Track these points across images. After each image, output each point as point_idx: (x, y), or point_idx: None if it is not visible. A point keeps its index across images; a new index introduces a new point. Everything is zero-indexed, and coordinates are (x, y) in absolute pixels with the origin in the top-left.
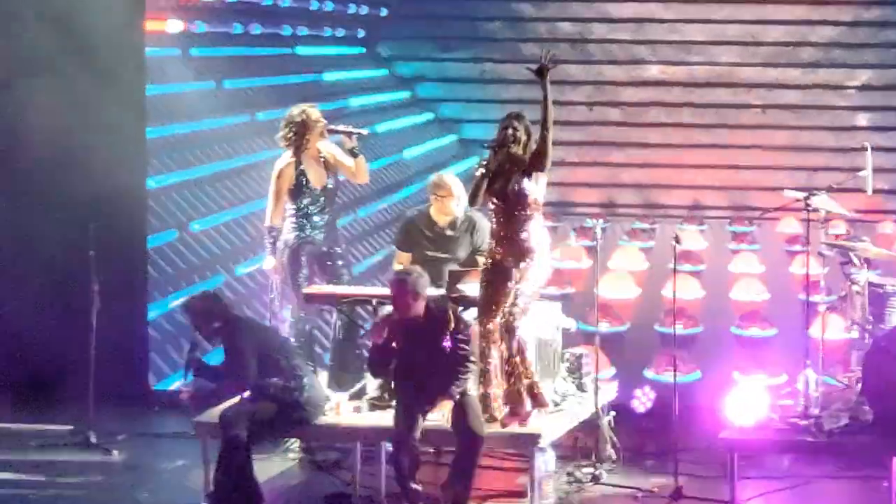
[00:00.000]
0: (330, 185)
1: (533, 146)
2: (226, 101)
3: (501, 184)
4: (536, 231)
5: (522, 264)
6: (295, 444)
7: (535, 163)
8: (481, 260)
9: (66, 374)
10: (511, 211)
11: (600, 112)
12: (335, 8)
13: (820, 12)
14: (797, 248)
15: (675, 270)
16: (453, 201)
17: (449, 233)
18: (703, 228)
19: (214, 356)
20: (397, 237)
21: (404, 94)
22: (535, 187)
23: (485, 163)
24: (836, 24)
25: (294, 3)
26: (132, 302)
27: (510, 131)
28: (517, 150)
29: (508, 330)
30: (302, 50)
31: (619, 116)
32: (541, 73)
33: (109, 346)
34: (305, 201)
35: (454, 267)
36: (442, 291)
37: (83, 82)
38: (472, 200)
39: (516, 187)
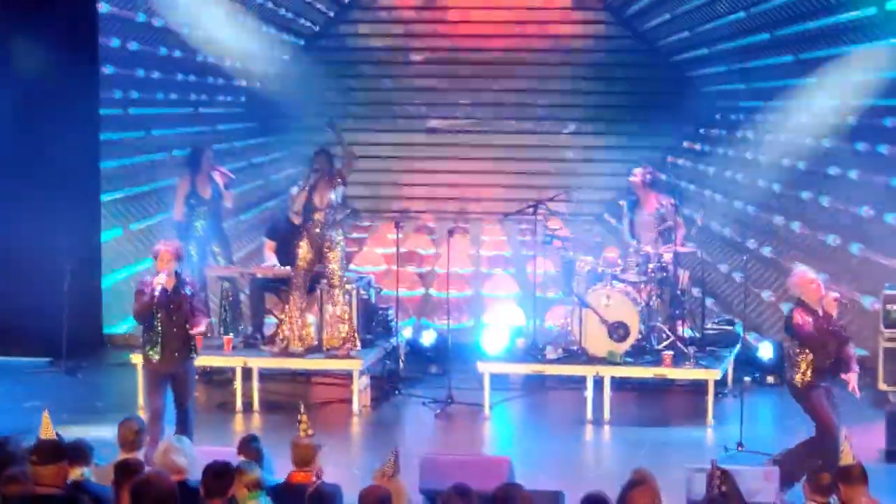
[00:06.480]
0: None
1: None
2: (154, 143)
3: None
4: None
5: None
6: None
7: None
8: None
9: (47, 325)
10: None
11: (405, 149)
12: (225, 83)
13: (545, 84)
14: (528, 238)
15: (448, 253)
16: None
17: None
18: (468, 225)
19: None
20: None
21: (272, 138)
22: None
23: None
24: (556, 92)
25: (196, 79)
26: (92, 276)
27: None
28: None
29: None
30: (203, 109)
31: (413, 153)
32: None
33: (75, 305)
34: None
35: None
36: None
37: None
38: None
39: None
